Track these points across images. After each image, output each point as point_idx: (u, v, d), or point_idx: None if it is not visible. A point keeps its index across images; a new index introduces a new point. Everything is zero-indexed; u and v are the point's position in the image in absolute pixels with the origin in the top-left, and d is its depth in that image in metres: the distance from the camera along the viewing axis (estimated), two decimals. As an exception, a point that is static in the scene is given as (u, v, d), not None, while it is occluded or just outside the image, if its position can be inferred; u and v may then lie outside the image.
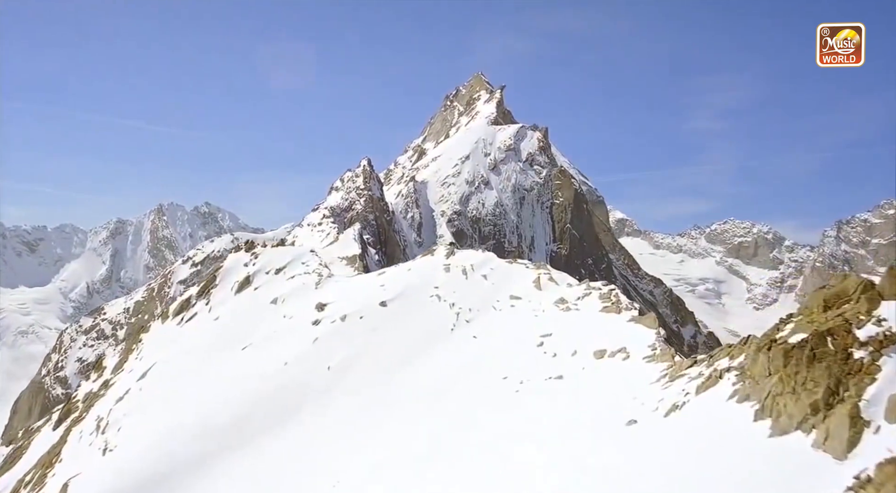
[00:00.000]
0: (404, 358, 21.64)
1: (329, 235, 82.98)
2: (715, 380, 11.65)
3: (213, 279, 30.18)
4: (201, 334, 27.17)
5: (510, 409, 16.67)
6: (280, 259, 30.27)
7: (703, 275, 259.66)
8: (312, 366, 22.59)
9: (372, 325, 23.52)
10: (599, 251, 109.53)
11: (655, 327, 17.25)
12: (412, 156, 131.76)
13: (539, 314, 20.71)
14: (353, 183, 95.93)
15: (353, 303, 24.93)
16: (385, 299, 24.26)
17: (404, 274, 25.69)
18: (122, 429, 22.77)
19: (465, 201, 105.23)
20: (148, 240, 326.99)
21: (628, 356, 16.65)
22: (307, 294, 27.11)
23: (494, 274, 23.95)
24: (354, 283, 27.35)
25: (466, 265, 24.77)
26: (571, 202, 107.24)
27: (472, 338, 21.25)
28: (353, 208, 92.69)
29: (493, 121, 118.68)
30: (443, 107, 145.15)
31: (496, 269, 24.28)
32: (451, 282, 24.24)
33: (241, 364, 24.25)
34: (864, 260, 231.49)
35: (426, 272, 25.15)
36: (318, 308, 25.39)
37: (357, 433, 19.40)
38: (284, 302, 27.09)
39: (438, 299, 23.74)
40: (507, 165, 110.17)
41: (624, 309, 18.76)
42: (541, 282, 22.26)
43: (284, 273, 29.40)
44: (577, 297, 20.35)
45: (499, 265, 24.44)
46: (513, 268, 24.29)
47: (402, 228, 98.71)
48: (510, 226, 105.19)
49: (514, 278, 23.39)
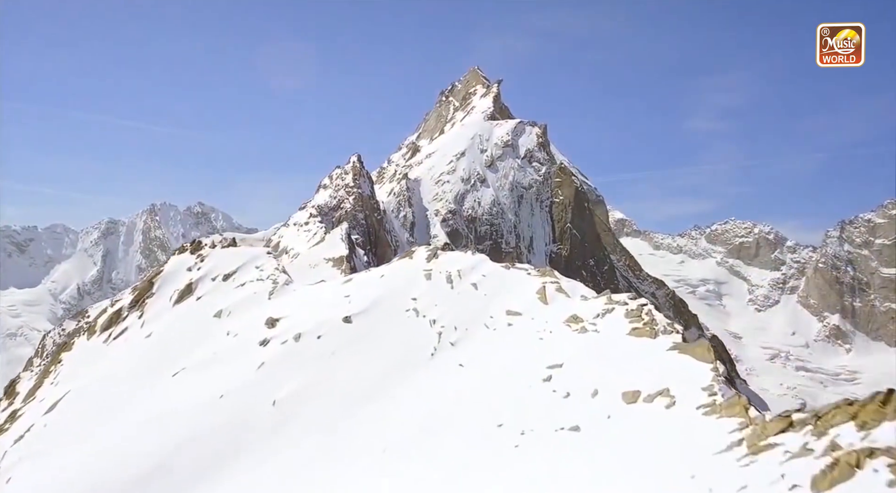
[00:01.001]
0: (370, 392, 16.68)
1: (316, 235, 77.98)
2: (848, 470, 6.81)
3: (150, 287, 25.19)
4: (128, 355, 22.20)
5: (506, 470, 11.83)
6: (230, 263, 25.27)
7: (704, 276, 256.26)
8: (255, 400, 17.62)
9: (332, 347, 18.54)
10: (601, 252, 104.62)
11: (710, 360, 12.30)
12: (406, 153, 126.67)
13: (545, 337, 15.72)
14: (341, 180, 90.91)
15: (310, 318, 19.96)
16: (350, 314, 19.28)
17: (375, 282, 20.68)
18: (12, 480, 17.76)
19: (460, 200, 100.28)
20: (140, 240, 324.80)
21: (673, 402, 11.70)
22: (258, 306, 22.13)
23: (487, 282, 18.90)
24: (315, 292, 22.31)
25: (452, 271, 19.72)
26: (572, 201, 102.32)
27: (457, 367, 16.28)
28: (342, 207, 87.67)
29: (489, 116, 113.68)
30: (438, 103, 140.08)
31: (489, 276, 19.21)
32: (432, 292, 19.24)
33: (169, 395, 19.28)
34: (867, 261, 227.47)
35: (402, 280, 20.16)
36: (269, 324, 20.39)
37: (303, 491, 14.50)
38: (230, 316, 22.12)
39: (416, 314, 18.75)
40: (505, 161, 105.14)
41: (662, 332, 13.80)
42: (547, 293, 17.22)
43: (234, 280, 24.43)
44: (596, 314, 15.36)
45: (493, 271, 19.36)
46: (510, 275, 19.17)
47: (393, 228, 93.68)
48: (508, 226, 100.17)
49: (512, 287, 18.35)
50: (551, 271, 18.71)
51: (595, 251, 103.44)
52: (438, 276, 19.72)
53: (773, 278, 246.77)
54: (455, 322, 17.66)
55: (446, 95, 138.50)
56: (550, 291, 17.31)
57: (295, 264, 71.75)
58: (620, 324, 14.69)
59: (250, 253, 26.16)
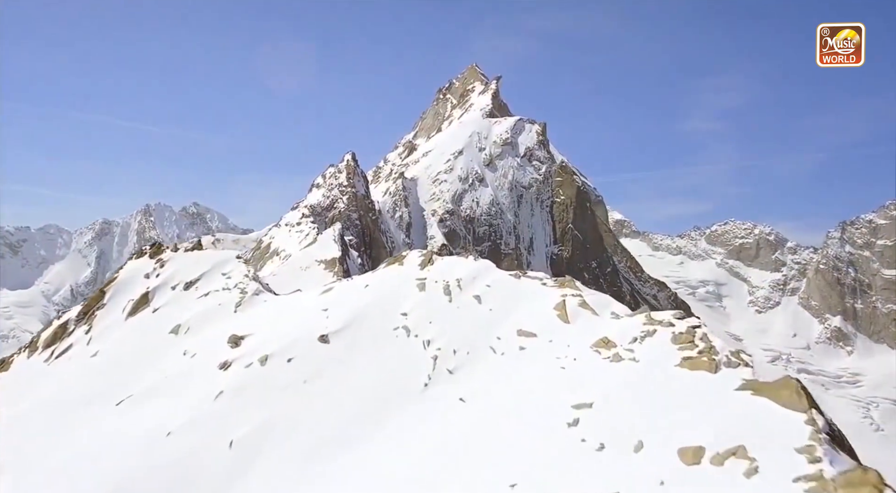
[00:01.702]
0: (348, 433, 13.35)
1: (308, 236, 74.93)
2: None
3: (101, 296, 21.80)
4: (71, 378, 18.78)
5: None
6: (193, 269, 21.84)
7: (704, 277, 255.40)
8: (208, 439, 14.28)
9: (304, 373, 15.18)
10: (604, 253, 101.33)
11: (803, 408, 8.99)
12: (402, 152, 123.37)
13: (568, 365, 12.39)
14: (335, 179, 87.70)
15: (281, 336, 16.57)
16: (327, 332, 15.87)
17: (359, 293, 17.23)
18: None
19: (457, 200, 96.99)
20: (135, 241, 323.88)
21: (754, 468, 8.47)
22: (222, 320, 18.74)
23: (494, 295, 15.43)
24: (288, 304, 18.86)
25: (451, 281, 16.25)
26: (573, 201, 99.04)
27: (456, 402, 12.94)
28: (335, 207, 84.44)
29: (488, 113, 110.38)
30: (435, 101, 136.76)
31: (496, 286, 15.73)
32: (426, 306, 15.79)
33: (109, 430, 15.92)
34: (868, 262, 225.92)
35: (391, 290, 16.69)
36: (232, 343, 17.01)
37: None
38: (188, 332, 18.71)
39: (407, 333, 15.33)
40: (504, 160, 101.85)
41: (725, 365, 10.50)
42: (568, 309, 13.83)
43: (196, 288, 21.01)
44: (633, 337, 12.02)
45: (500, 281, 15.85)
46: (522, 285, 15.64)
47: (389, 229, 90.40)
48: (507, 226, 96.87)
49: (524, 301, 14.89)
50: (572, 282, 15.33)
51: (597, 253, 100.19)
52: (434, 286, 16.25)
53: (773, 279, 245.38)
54: (454, 344, 14.29)
55: (444, 92, 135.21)
56: (572, 306, 13.92)
57: (286, 267, 68.59)
58: (667, 351, 11.36)
59: (216, 258, 22.73)
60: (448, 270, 16.74)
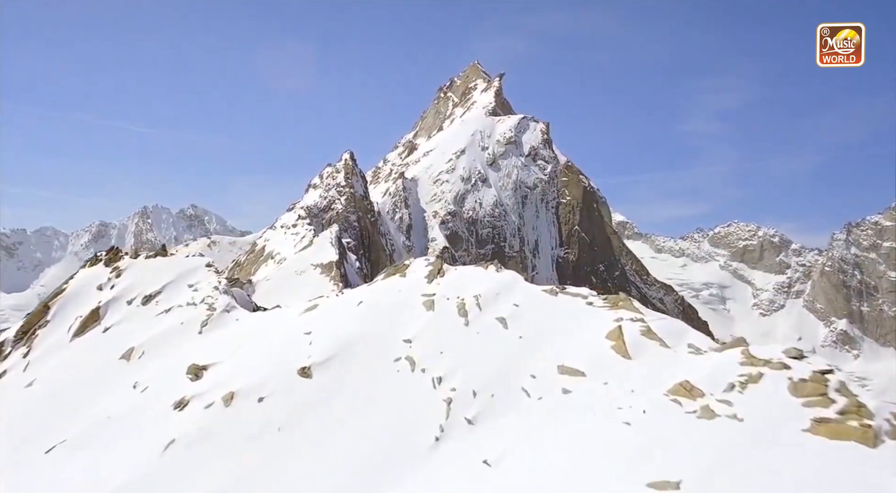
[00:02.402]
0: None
1: (304, 239, 71.55)
2: None
3: (44, 312, 18.28)
4: (2, 413, 15.32)
5: None
6: (154, 279, 18.32)
7: (707, 280, 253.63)
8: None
9: (278, 418, 11.68)
10: (612, 256, 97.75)
11: None
12: (402, 152, 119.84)
13: (635, 420, 8.87)
14: (332, 179, 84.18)
15: (252, 367, 13.08)
16: (309, 363, 12.39)
17: (351, 312, 13.63)
18: None
19: (460, 201, 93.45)
20: (131, 243, 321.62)
21: None
22: (184, 343, 15.26)
23: (524, 316, 11.76)
24: (265, 325, 15.31)
25: (467, 297, 12.64)
26: (580, 201, 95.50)
27: (479, 466, 9.44)
28: (333, 208, 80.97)
29: (491, 111, 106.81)
30: (435, 99, 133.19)
31: (527, 305, 12.03)
32: (436, 331, 12.22)
33: (30, 487, 12.44)
34: (875, 264, 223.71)
35: (390, 309, 13.09)
36: (192, 375, 13.52)
37: None
38: (143, 357, 15.23)
39: (411, 366, 11.76)
40: (508, 160, 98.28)
41: (888, 434, 7.01)
42: (627, 338, 10.24)
43: (157, 303, 17.53)
44: (729, 383, 8.51)
45: (531, 298, 12.13)
46: (561, 305, 11.90)
47: (389, 231, 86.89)
48: (511, 228, 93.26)
49: (565, 325, 11.24)
50: (628, 301, 11.73)
51: (606, 256, 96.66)
52: (446, 305, 12.66)
53: (777, 281, 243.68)
54: (473, 384, 10.78)
55: (445, 90, 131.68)
56: (633, 334, 10.37)
57: (280, 271, 65.10)
58: (785, 407, 7.90)
59: (183, 266, 19.18)
60: (463, 283, 13.20)
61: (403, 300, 13.29)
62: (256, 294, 61.06)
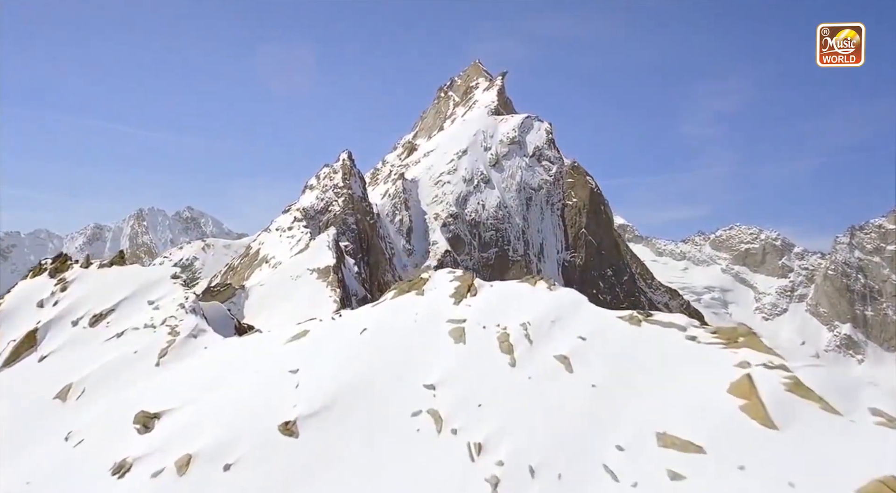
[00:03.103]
0: None
1: (300, 242, 68.27)
2: None
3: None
4: None
5: None
6: (107, 294, 14.82)
7: (709, 283, 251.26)
8: None
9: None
10: (620, 261, 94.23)
11: None
12: (401, 153, 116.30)
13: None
14: (330, 180, 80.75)
15: (219, 418, 9.63)
16: (295, 417, 8.93)
17: (352, 342, 10.11)
18: None
19: (462, 202, 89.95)
20: (127, 246, 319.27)
21: None
22: (136, 379, 11.80)
23: (597, 355, 8.14)
24: (239, 355, 11.82)
25: (510, 324, 9.00)
26: (587, 203, 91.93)
27: None
28: (330, 210, 77.55)
29: (493, 111, 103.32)
30: (436, 99, 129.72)
31: (598, 339, 8.38)
32: (470, 373, 8.65)
33: None
34: (879, 268, 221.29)
35: (404, 340, 9.55)
36: (141, 425, 10.08)
37: None
38: (83, 397, 11.75)
39: (437, 424, 8.22)
40: (511, 160, 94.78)
41: None
42: (763, 397, 6.76)
43: (108, 324, 14.07)
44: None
45: (604, 328, 8.43)
46: (648, 338, 8.11)
47: (388, 234, 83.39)
48: (515, 231, 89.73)
49: (658, 370, 7.57)
50: (752, 335, 8.20)
51: (613, 260, 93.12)
52: (482, 335, 9.13)
53: (780, 285, 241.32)
54: (530, 456, 7.31)
55: (445, 90, 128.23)
56: (772, 389, 6.80)
57: (275, 276, 61.71)
58: None
59: (143, 278, 15.61)
60: (504, 305, 9.65)
61: (422, 328, 9.76)
62: (250, 300, 57.70)
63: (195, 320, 13.52)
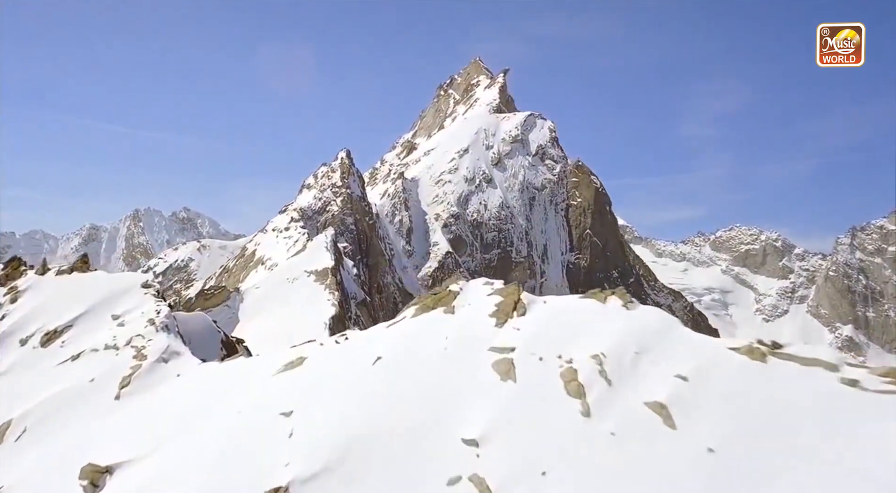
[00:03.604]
0: None
1: (297, 243, 66.06)
2: None
3: None
4: None
5: None
6: (65, 307, 12.37)
7: (709, 284, 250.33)
8: None
9: None
10: (626, 262, 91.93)
11: None
12: (401, 152, 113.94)
13: None
14: (328, 179, 78.38)
15: (188, 477, 7.28)
16: (287, 481, 6.61)
17: (363, 376, 7.69)
18: None
19: (463, 202, 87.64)
20: (123, 247, 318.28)
21: None
22: (89, 417, 9.43)
23: (707, 403, 5.78)
24: (220, 388, 9.43)
25: (577, 357, 6.50)
26: (592, 203, 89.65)
27: None
28: (328, 210, 75.17)
29: (495, 109, 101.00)
30: (435, 97, 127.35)
31: (707, 379, 5.93)
32: (525, 421, 6.41)
33: None
34: (880, 269, 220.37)
35: (433, 373, 7.21)
36: (88, 482, 7.72)
37: None
38: (23, 438, 9.36)
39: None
40: (514, 159, 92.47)
41: None
42: None
43: (63, 344, 11.70)
44: None
45: (714, 364, 6.02)
46: (782, 380, 5.64)
47: (388, 235, 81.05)
48: (518, 232, 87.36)
49: (799, 428, 5.43)
50: None
51: (619, 261, 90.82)
52: (538, 370, 6.57)
53: (781, 286, 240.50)
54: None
55: (445, 88, 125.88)
56: None
57: (271, 278, 59.32)
58: None
59: (108, 287, 13.07)
60: (564, 328, 7.17)
61: (456, 359, 7.32)
62: (245, 304, 55.33)
63: (167, 339, 11.06)
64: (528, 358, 6.87)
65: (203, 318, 15.22)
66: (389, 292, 70.00)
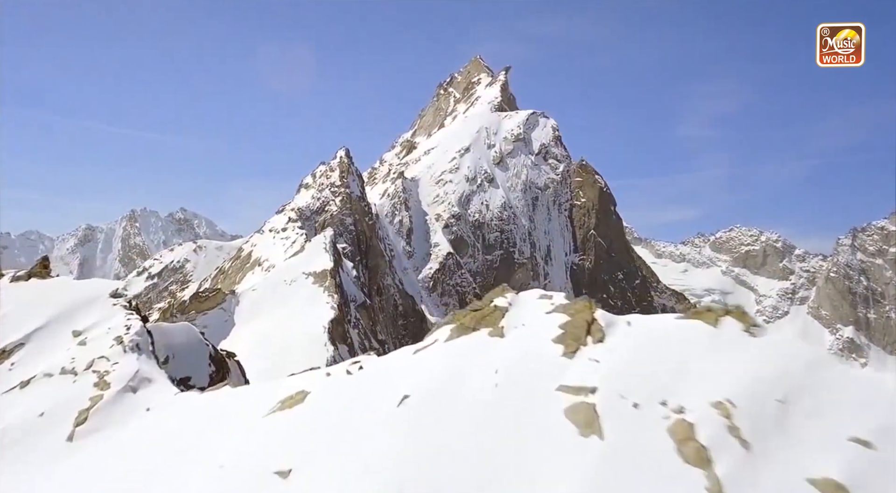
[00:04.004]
0: None
1: (295, 244, 64.31)
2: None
3: None
4: None
5: None
6: (18, 320, 10.31)
7: (709, 285, 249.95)
8: None
9: None
10: (631, 263, 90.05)
11: None
12: (400, 152, 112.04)
13: None
14: (326, 179, 76.51)
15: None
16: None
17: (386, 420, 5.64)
18: None
19: (464, 202, 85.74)
20: (119, 248, 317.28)
21: None
22: (37, 468, 7.49)
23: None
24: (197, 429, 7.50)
25: (693, 408, 4.33)
26: (596, 204, 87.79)
27: None
28: (327, 210, 73.23)
29: (497, 107, 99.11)
30: (435, 96, 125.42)
31: (893, 443, 4.48)
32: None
33: None
34: (881, 270, 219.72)
35: (481, 418, 5.17)
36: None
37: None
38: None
39: None
40: (516, 158, 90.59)
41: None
42: None
43: (11, 367, 9.61)
44: None
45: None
46: None
47: (387, 235, 79.17)
48: (521, 232, 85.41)
49: None
50: None
51: (624, 263, 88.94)
52: (631, 419, 4.51)
53: (781, 287, 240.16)
54: None
55: (445, 87, 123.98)
56: None
57: (268, 280, 57.36)
58: None
59: (70, 297, 10.90)
60: (664, 360, 5.10)
61: (512, 399, 5.17)
62: (241, 306, 53.33)
63: (136, 363, 8.93)
64: (618, 403, 4.82)
65: (189, 329, 13.26)
66: (390, 294, 68.14)
